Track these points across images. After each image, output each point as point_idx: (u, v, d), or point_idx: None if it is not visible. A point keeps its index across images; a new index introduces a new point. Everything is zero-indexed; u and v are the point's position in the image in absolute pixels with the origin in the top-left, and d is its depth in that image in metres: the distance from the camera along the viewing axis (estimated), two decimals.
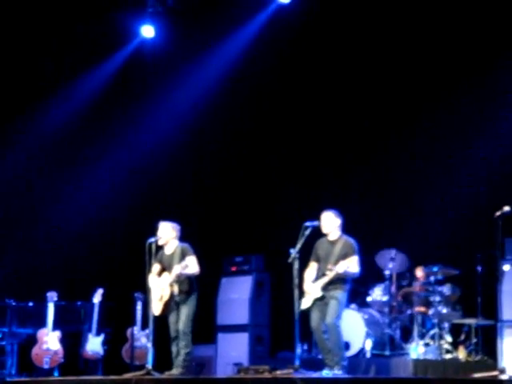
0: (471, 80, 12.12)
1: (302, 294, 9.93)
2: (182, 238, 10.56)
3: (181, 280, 10.22)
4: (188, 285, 10.30)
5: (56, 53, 13.66)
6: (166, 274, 10.30)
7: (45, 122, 14.08)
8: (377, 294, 11.67)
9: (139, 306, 12.46)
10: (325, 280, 9.84)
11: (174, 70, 14.11)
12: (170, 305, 10.28)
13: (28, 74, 13.68)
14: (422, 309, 11.32)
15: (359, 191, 12.91)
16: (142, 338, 12.44)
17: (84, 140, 14.19)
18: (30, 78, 13.70)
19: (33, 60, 13.62)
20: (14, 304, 12.06)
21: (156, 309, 10.31)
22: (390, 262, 11.58)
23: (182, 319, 10.21)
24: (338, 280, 9.84)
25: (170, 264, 10.30)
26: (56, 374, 12.23)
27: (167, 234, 10.45)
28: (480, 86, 12.06)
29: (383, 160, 12.91)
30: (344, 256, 9.82)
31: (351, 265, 9.78)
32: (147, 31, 14.07)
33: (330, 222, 10.01)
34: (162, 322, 10.45)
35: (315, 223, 9.98)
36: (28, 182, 14.04)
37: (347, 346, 11.07)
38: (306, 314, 9.99)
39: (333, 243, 10.01)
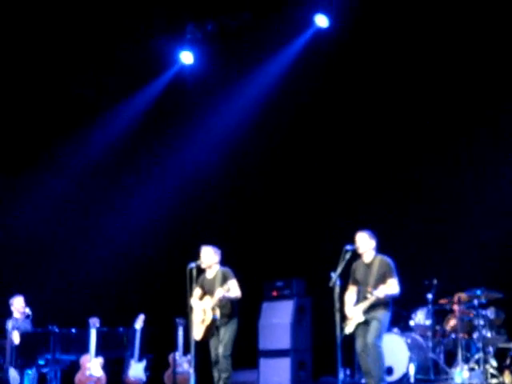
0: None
1: (343, 318, 9.87)
2: (223, 262, 10.56)
3: (223, 304, 10.22)
4: (229, 309, 10.31)
5: (96, 79, 13.78)
6: (207, 297, 10.30)
7: (86, 148, 14.22)
8: (419, 317, 11.54)
9: (181, 331, 12.45)
10: (366, 304, 9.79)
11: (213, 95, 14.18)
12: (212, 329, 10.28)
13: (70, 100, 13.83)
14: (466, 335, 11.19)
15: (402, 217, 12.83)
16: (184, 364, 12.43)
17: (125, 166, 14.29)
18: (72, 105, 13.84)
19: (73, 86, 13.76)
20: (56, 330, 12.07)
21: (197, 333, 10.30)
22: (434, 287, 11.46)
23: (223, 343, 10.20)
24: (380, 302, 9.79)
25: (212, 288, 10.31)
26: None
27: (209, 258, 10.48)
28: None
29: (424, 182, 12.83)
30: (382, 276, 9.77)
31: (391, 287, 9.71)
32: (186, 57, 14.16)
33: (365, 243, 9.96)
34: (203, 347, 10.44)
35: (355, 246, 9.95)
36: (70, 208, 14.15)
37: (390, 370, 11.01)
38: (348, 338, 9.93)
39: (369, 265, 9.96)
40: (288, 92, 13.75)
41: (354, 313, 9.86)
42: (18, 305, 12.29)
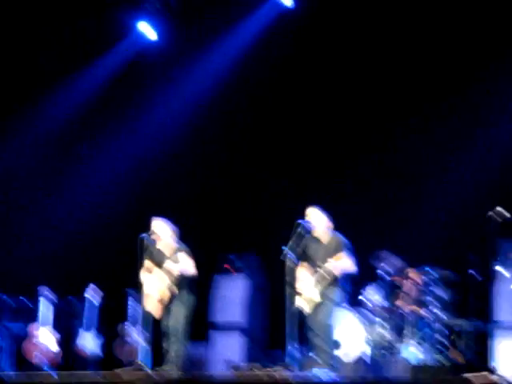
0: (465, 85, 12.12)
1: (295, 292, 9.90)
2: (178, 236, 10.54)
3: (179, 280, 10.17)
4: (185, 285, 10.26)
5: (53, 49, 13.63)
6: (160, 272, 10.22)
7: (43, 118, 14.09)
8: (369, 293, 11.63)
9: (131, 302, 12.44)
10: (322, 284, 9.78)
11: (174, 69, 14.09)
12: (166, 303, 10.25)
13: (27, 70, 13.68)
14: (415, 308, 11.31)
15: (353, 192, 12.90)
16: (134, 334, 12.43)
17: (81, 137, 14.23)
18: (29, 74, 13.70)
19: (29, 57, 13.61)
20: (5, 298, 12.03)
21: (154, 309, 10.22)
22: (384, 262, 11.55)
23: (179, 318, 10.18)
24: (333, 279, 9.83)
25: (163, 261, 10.27)
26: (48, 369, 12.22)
27: (160, 229, 10.44)
28: (474, 93, 12.07)
29: (377, 161, 12.89)
30: (334, 251, 9.81)
31: (344, 261, 9.76)
32: (145, 28, 14.02)
33: (317, 217, 10.00)
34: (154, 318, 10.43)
35: (307, 221, 9.98)
36: (24, 177, 14.04)
37: (337, 344, 11.09)
38: (300, 312, 9.98)
39: (321, 240, 10.01)
40: (249, 67, 13.71)
41: (310, 292, 9.86)
42: None
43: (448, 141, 12.30)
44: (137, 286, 10.50)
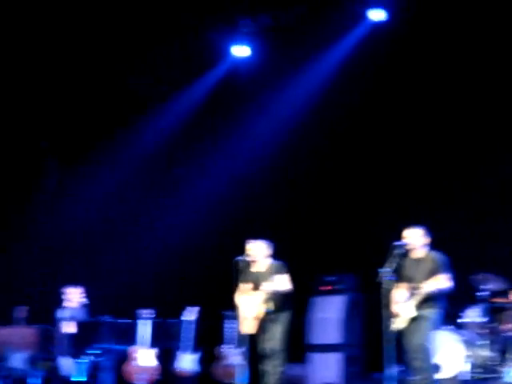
0: None
1: (391, 315, 9.77)
2: (275, 256, 10.54)
3: (274, 297, 10.17)
4: (281, 302, 10.25)
5: (150, 72, 13.87)
6: (258, 291, 10.27)
7: (139, 142, 14.34)
8: (472, 315, 11.38)
9: (228, 324, 12.48)
10: (417, 299, 9.67)
11: (266, 89, 14.14)
12: (263, 323, 10.24)
13: (120, 95, 13.96)
14: None
15: (454, 212, 12.65)
16: (234, 357, 12.46)
17: (176, 160, 14.38)
18: (122, 99, 13.97)
19: (124, 80, 13.87)
20: (109, 320, 12.21)
21: (247, 326, 10.25)
22: (486, 283, 11.27)
23: (276, 337, 10.16)
24: (431, 298, 9.66)
25: (261, 281, 10.27)
26: None
27: (258, 251, 10.46)
28: None
29: (479, 181, 12.64)
30: (432, 272, 9.63)
31: (442, 281, 9.58)
32: (240, 51, 14.12)
33: (416, 238, 9.85)
34: (250, 340, 10.42)
35: (404, 242, 9.85)
36: (123, 201, 14.28)
37: (437, 368, 10.86)
38: (400, 334, 9.83)
39: (420, 260, 9.85)
40: (342, 88, 13.64)
41: (404, 309, 9.74)
42: (74, 295, 12.47)
43: None
44: (233, 308, 10.54)
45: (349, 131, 13.76)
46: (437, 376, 10.34)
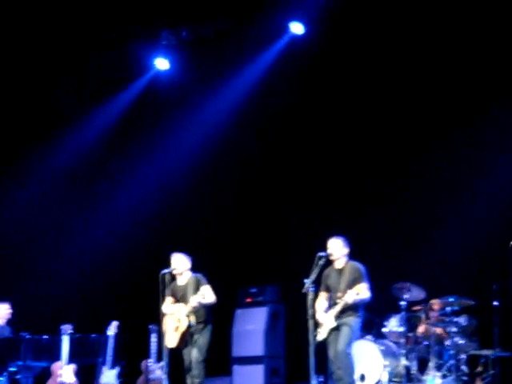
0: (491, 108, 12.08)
1: (316, 324, 9.88)
2: (195, 269, 10.55)
3: (197, 310, 10.19)
4: (204, 315, 10.31)
5: (70, 85, 13.72)
6: (180, 304, 10.27)
7: (59, 155, 14.13)
8: (392, 324, 11.55)
9: (154, 338, 12.41)
10: (336, 309, 9.81)
11: (188, 102, 14.14)
12: (186, 336, 10.25)
13: (41, 107, 13.76)
14: (441, 332, 11.23)
15: (374, 222, 12.86)
16: (157, 371, 12.38)
17: (98, 173, 14.23)
18: (44, 112, 13.77)
19: (46, 92, 13.69)
20: (28, 337, 11.98)
21: (171, 340, 10.25)
22: (406, 292, 11.47)
23: (197, 349, 10.17)
24: (351, 308, 9.82)
25: (185, 295, 10.29)
26: None
27: (181, 264, 10.46)
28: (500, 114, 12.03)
29: (397, 192, 12.86)
30: (353, 282, 9.78)
31: (361, 292, 9.72)
32: (161, 63, 14.13)
33: (338, 249, 9.99)
34: (176, 354, 10.40)
35: (328, 253, 9.97)
36: (42, 215, 14.05)
37: (362, 377, 11.02)
38: (322, 345, 9.94)
39: (341, 271, 9.99)
40: (264, 99, 13.74)
41: (325, 319, 9.88)
42: (1, 311, 12.23)
43: (472, 167, 12.24)
44: (159, 322, 10.50)
45: (269, 144, 13.85)
46: None
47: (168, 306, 10.36)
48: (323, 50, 13.14)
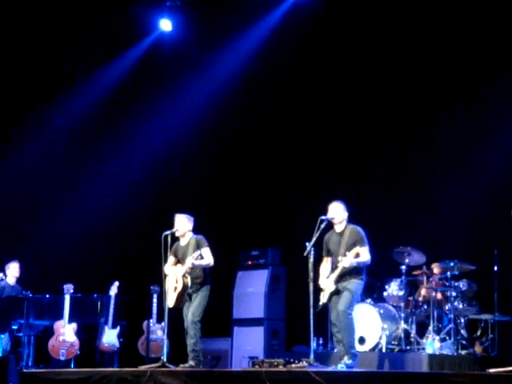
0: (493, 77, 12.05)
1: (317, 288, 9.92)
2: (198, 230, 10.58)
3: (194, 271, 10.23)
4: (201, 276, 10.30)
5: (73, 47, 13.67)
6: (180, 265, 10.33)
7: (63, 116, 14.14)
8: (393, 288, 11.62)
9: (155, 299, 12.49)
10: (337, 273, 9.82)
11: (191, 63, 14.11)
12: (183, 296, 10.27)
13: (45, 69, 13.69)
14: (441, 296, 11.29)
15: (376, 188, 12.89)
16: (158, 331, 12.49)
17: (101, 134, 14.22)
18: (48, 73, 13.71)
19: (50, 55, 13.63)
20: (30, 296, 12.09)
21: (170, 300, 10.30)
22: (407, 257, 11.52)
23: (192, 309, 10.22)
24: (352, 271, 9.82)
25: (184, 256, 10.31)
26: (72, 365, 12.27)
27: (183, 225, 10.47)
28: (499, 84, 12.00)
29: (399, 157, 12.87)
30: (353, 245, 9.79)
31: (362, 254, 9.74)
32: (165, 25, 14.09)
33: (339, 212, 10.00)
34: (177, 314, 10.46)
35: (329, 216, 9.98)
36: (45, 176, 14.07)
37: (362, 340, 11.10)
38: (323, 308, 9.98)
39: (341, 234, 10.00)
40: (266, 61, 13.69)
41: (326, 283, 9.91)
42: (13, 270, 12.31)
43: (474, 135, 12.23)
44: (161, 283, 10.55)
45: (271, 105, 13.82)
46: (359, 348, 10.55)
47: (169, 266, 10.39)
48: (327, 14, 13.06)
